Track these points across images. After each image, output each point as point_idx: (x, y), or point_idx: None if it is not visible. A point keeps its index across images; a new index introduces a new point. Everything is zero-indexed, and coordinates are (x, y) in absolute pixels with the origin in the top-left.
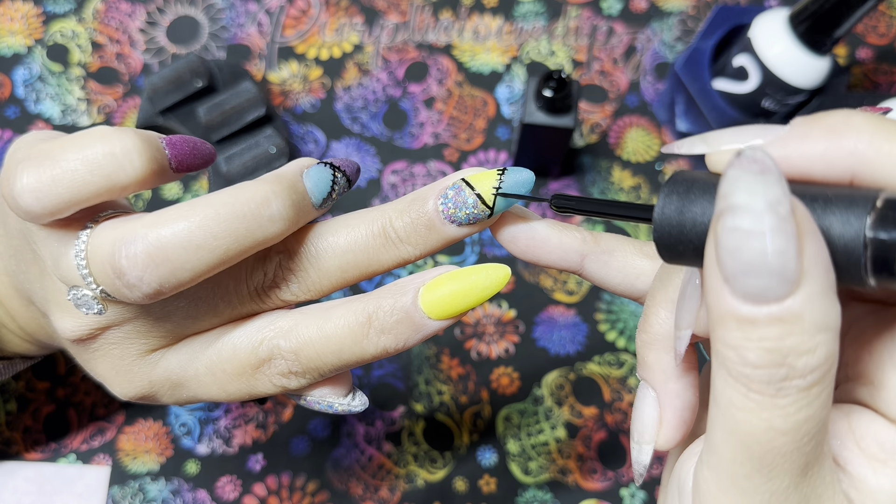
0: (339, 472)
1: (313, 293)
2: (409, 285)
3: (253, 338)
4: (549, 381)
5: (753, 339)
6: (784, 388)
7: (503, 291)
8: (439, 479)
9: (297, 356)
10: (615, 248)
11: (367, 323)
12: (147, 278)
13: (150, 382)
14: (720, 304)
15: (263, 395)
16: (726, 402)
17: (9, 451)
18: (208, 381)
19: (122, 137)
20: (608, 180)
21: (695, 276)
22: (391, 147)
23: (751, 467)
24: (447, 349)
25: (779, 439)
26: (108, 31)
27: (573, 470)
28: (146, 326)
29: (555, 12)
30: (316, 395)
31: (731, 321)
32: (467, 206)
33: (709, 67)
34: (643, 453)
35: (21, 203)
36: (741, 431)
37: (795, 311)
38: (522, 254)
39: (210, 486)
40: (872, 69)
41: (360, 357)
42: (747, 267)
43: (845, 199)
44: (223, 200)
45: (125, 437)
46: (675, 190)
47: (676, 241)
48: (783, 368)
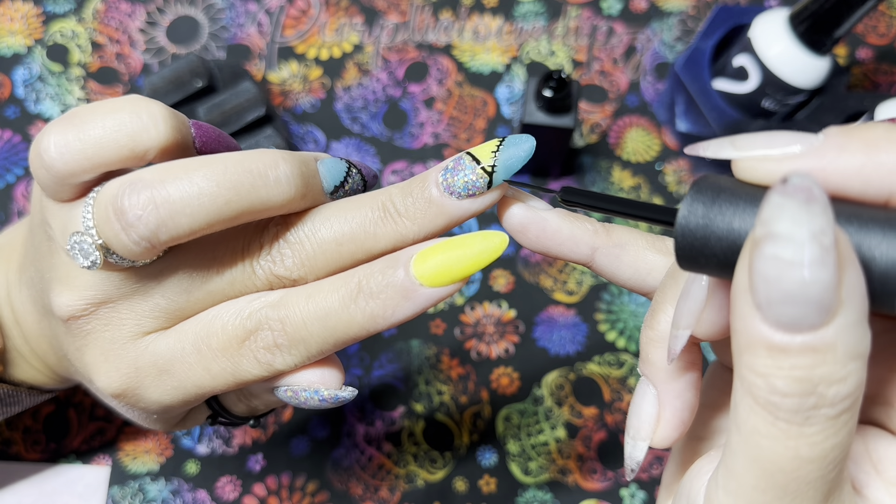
0: (339, 473)
1: (307, 268)
2: (401, 254)
3: (242, 310)
4: (549, 381)
5: (784, 367)
6: (812, 416)
7: (503, 291)
8: (439, 480)
9: (284, 325)
10: (627, 241)
11: (355, 288)
12: (146, 218)
13: (137, 369)
14: (750, 331)
15: (248, 377)
16: (750, 429)
17: (9, 451)
18: (194, 361)
19: (150, 104)
20: (608, 180)
21: (700, 278)
22: (391, 147)
23: (773, 496)
24: (447, 349)
25: (805, 468)
26: (107, 31)
27: (573, 470)
28: (140, 305)
29: (555, 12)
30: (302, 380)
31: (761, 348)
32: (465, 172)
33: (709, 67)
34: (637, 449)
35: (45, 158)
36: (765, 459)
37: (829, 341)
38: (532, 244)
39: (210, 486)
40: (872, 69)
41: (347, 324)
42: (783, 296)
43: (883, 222)
44: (231, 156)
45: (125, 437)
46: (700, 197)
47: (699, 252)
48: (812, 397)
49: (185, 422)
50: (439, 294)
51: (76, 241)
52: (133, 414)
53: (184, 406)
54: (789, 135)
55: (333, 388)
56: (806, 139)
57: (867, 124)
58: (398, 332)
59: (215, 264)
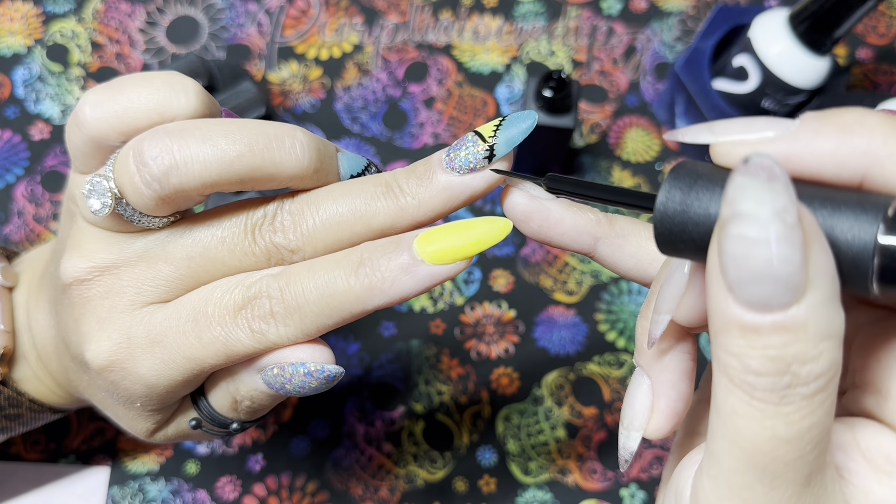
0: (338, 473)
1: (307, 240)
2: (405, 234)
3: (243, 280)
4: (548, 381)
5: (757, 346)
6: (787, 395)
7: (503, 291)
8: (439, 480)
9: (282, 293)
10: (630, 232)
11: (357, 261)
12: (160, 159)
13: (129, 339)
14: (723, 312)
15: (240, 349)
16: (728, 410)
17: (8, 452)
18: (188, 329)
19: (184, 79)
20: (608, 180)
21: (683, 265)
22: (391, 147)
23: (753, 477)
24: (447, 349)
25: (782, 448)
26: (107, 31)
27: (573, 470)
28: (142, 273)
29: (555, 12)
30: (291, 355)
31: (734, 329)
32: (467, 146)
33: (709, 67)
34: (631, 440)
35: (80, 116)
36: (743, 440)
37: (800, 320)
38: (535, 234)
39: (210, 486)
40: (872, 69)
41: (344, 295)
42: (752, 275)
43: (855, 204)
44: (252, 120)
45: (125, 437)
46: (678, 183)
47: (677, 237)
48: (787, 376)
49: (168, 426)
50: (440, 272)
51: (94, 181)
52: (117, 400)
53: (169, 388)
54: (766, 120)
55: (321, 363)
56: (782, 124)
57: (842, 109)
58: (398, 332)
59: (218, 233)
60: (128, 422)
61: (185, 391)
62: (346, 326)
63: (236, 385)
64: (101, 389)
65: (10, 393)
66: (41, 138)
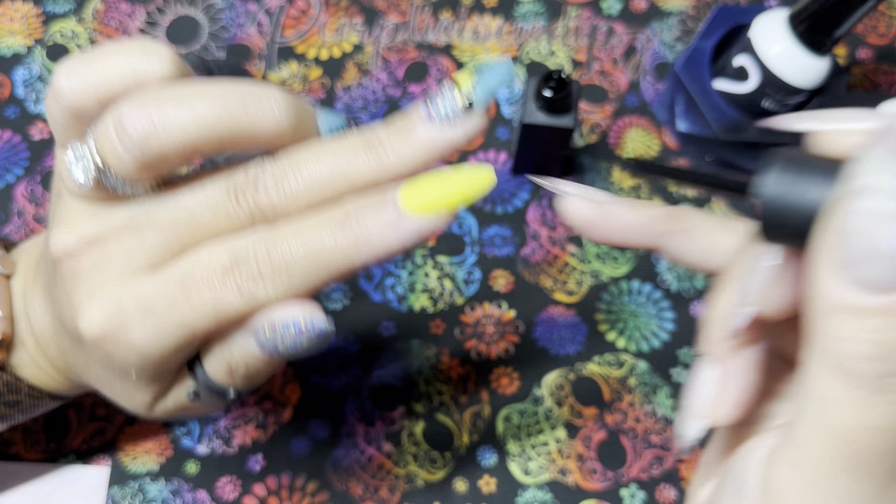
0: (338, 473)
1: (289, 198)
2: (389, 187)
3: (230, 243)
4: (548, 381)
5: (868, 329)
6: (891, 384)
7: (503, 291)
8: (439, 480)
9: (269, 253)
10: (695, 224)
11: (342, 217)
12: (139, 123)
13: (120, 309)
14: (831, 292)
15: (229, 310)
16: (822, 396)
17: (8, 451)
18: (177, 295)
19: (157, 44)
20: (608, 180)
21: (768, 255)
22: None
23: (840, 467)
24: (447, 349)
25: (876, 439)
26: (107, 31)
27: (573, 470)
28: (129, 242)
29: (555, 12)
30: (282, 313)
31: (842, 311)
32: (445, 97)
33: (709, 67)
34: (695, 429)
35: (56, 86)
36: (835, 428)
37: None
38: (599, 238)
39: (210, 486)
40: (872, 69)
41: (331, 251)
42: (872, 253)
43: None
44: (230, 81)
45: (125, 437)
46: (786, 166)
47: (784, 221)
48: (892, 363)
49: (167, 399)
50: (425, 225)
51: (76, 153)
52: (113, 373)
53: (162, 355)
54: (865, 112)
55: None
56: (881, 117)
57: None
58: (398, 332)
59: (201, 197)
60: (125, 397)
61: (179, 359)
62: (345, 326)
63: (231, 350)
64: (98, 364)
65: (9, 378)
66: (41, 138)
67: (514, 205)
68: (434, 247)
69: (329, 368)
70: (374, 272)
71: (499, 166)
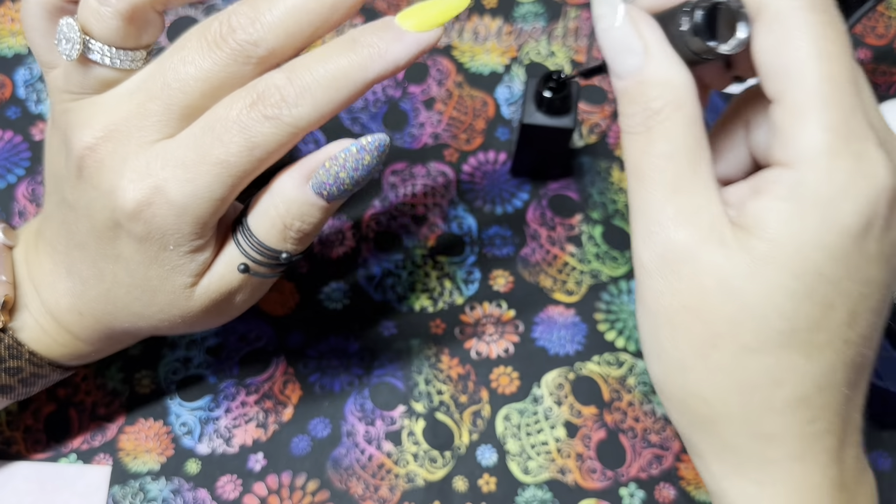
0: (339, 472)
1: (267, 30)
2: (386, 17)
3: (249, 86)
4: (548, 380)
5: (630, 101)
6: (648, 124)
7: (502, 291)
8: (439, 479)
9: (289, 79)
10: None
11: (349, 39)
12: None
13: (149, 174)
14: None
15: (262, 140)
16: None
17: (9, 451)
18: (207, 139)
19: None
20: (607, 181)
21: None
22: (391, 147)
23: (633, 180)
24: (447, 349)
25: (645, 159)
26: None
27: (573, 469)
28: (138, 118)
29: (554, 13)
30: (334, 148)
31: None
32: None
33: None
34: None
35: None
36: (629, 162)
37: (647, 75)
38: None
39: (210, 485)
40: (871, 70)
41: (348, 66)
42: (613, 50)
43: (667, 14)
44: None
45: (126, 436)
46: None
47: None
48: (647, 112)
49: (210, 277)
50: (424, 38)
51: (62, 29)
52: (150, 256)
53: (202, 206)
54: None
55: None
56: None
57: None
58: (398, 332)
59: (184, 55)
60: (165, 288)
61: (219, 209)
62: (345, 326)
63: (286, 206)
64: (135, 251)
65: (11, 342)
66: (42, 139)
67: (513, 205)
68: (434, 247)
69: (329, 368)
70: (375, 272)
71: (498, 166)
